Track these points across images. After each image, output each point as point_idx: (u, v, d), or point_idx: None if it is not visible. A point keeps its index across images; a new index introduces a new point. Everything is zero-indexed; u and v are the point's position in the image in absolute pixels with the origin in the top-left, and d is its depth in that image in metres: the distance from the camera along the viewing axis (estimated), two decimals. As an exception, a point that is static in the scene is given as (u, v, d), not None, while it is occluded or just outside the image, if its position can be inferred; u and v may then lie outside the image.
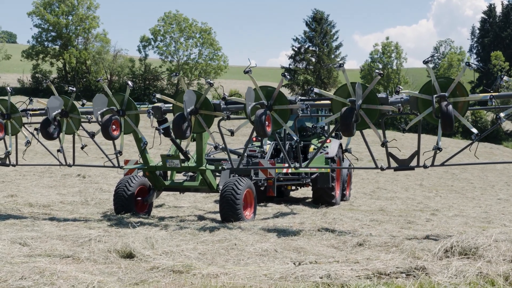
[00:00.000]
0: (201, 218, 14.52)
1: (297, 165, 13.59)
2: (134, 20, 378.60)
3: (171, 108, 13.44)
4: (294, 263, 8.34)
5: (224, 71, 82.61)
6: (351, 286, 6.81)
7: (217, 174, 14.38)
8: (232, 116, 13.31)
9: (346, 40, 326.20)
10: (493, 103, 11.00)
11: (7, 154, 15.01)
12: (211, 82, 12.75)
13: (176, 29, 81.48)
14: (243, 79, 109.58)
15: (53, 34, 79.75)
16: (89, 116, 14.23)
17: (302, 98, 12.57)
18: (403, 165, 12.26)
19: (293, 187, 19.52)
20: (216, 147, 14.02)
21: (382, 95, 11.74)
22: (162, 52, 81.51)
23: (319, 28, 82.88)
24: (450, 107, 10.82)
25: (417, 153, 12.00)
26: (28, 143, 14.87)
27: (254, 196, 14.35)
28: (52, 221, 13.03)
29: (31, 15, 79.38)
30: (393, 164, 12.36)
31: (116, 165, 14.41)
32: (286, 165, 14.62)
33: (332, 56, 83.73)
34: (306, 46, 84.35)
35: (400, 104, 11.77)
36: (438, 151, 11.47)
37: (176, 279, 7.32)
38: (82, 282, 6.79)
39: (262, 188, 16.81)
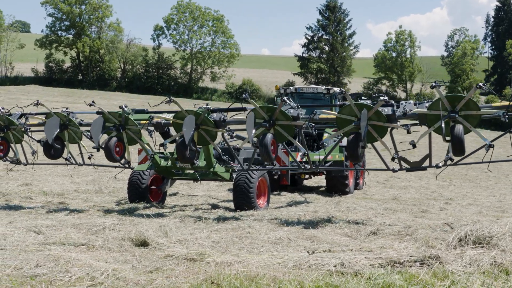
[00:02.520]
0: (214, 206, 14.54)
1: (308, 166, 13.48)
2: (147, 9, 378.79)
3: (170, 122, 13.20)
4: (307, 252, 8.35)
5: (237, 59, 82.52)
6: (364, 274, 6.80)
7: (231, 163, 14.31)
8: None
9: (360, 28, 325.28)
10: (507, 120, 10.90)
11: (16, 160, 15.09)
12: (209, 106, 12.57)
13: (189, 18, 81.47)
14: (256, 68, 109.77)
15: (66, 23, 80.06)
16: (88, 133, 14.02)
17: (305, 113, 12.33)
18: (415, 166, 12.15)
19: (307, 176, 19.49)
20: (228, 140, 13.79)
21: (388, 111, 11.38)
22: (176, 40, 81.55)
23: (332, 16, 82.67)
24: (461, 130, 10.69)
25: (428, 156, 11.90)
26: (34, 153, 14.91)
27: (267, 184, 14.35)
28: (66, 210, 13.10)
29: (44, 5, 79.70)
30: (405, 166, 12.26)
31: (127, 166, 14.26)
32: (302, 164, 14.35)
33: (346, 44, 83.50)
34: (320, 35, 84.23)
35: (409, 125, 11.57)
36: (450, 161, 11.35)
37: (190, 267, 7.34)
38: (97, 270, 6.82)
39: (275, 177, 16.80)
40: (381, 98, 11.25)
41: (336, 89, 20.17)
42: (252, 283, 6.49)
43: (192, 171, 14.12)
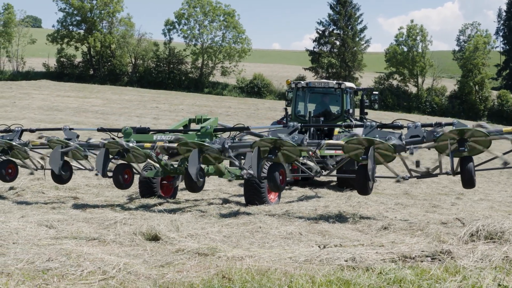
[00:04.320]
0: (226, 201, 14.56)
1: (320, 170, 13.50)
2: (158, 4, 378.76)
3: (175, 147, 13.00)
4: (319, 246, 8.35)
5: (248, 54, 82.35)
6: (376, 269, 6.79)
7: (241, 157, 14.28)
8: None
9: (371, 23, 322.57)
10: None
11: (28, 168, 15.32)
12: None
13: (200, 12, 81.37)
14: (267, 63, 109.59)
15: (77, 18, 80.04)
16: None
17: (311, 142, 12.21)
18: (426, 174, 12.15)
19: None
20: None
21: (395, 140, 11.21)
22: (187, 35, 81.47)
23: (343, 11, 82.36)
24: (472, 167, 10.69)
25: (438, 167, 11.89)
26: (41, 168, 15.15)
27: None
28: (78, 204, 13.15)
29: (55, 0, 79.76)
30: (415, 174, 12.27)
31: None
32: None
33: (357, 39, 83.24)
34: (331, 29, 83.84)
35: (412, 148, 11.45)
36: None
37: (201, 261, 7.36)
38: (108, 264, 6.84)
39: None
40: (392, 142, 11.11)
41: (348, 84, 20.15)
42: (263, 277, 6.49)
43: None
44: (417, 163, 11.47)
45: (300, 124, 12.50)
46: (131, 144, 12.75)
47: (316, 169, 13.06)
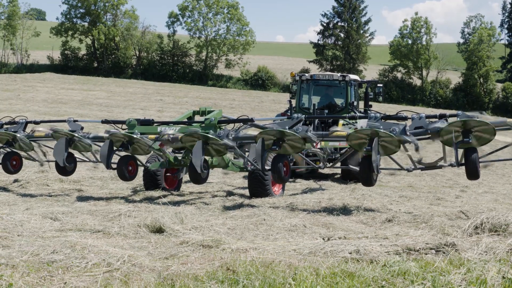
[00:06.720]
0: (230, 193, 14.57)
1: (322, 165, 13.56)
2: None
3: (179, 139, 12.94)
4: (323, 239, 8.35)
5: (252, 47, 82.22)
6: (380, 261, 6.80)
7: (246, 150, 14.28)
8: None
9: (375, 15, 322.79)
10: None
11: (33, 159, 15.35)
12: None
13: (203, 5, 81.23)
14: (271, 55, 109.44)
15: (81, 10, 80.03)
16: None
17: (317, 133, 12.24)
18: (430, 166, 12.12)
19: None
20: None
21: (399, 131, 11.14)
22: (190, 28, 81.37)
23: (347, 3, 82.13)
24: (477, 158, 10.63)
25: (442, 159, 11.86)
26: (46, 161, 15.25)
27: (282, 172, 14.31)
28: (82, 196, 13.18)
29: (60, -8, 79.68)
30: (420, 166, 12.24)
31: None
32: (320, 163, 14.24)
33: (361, 31, 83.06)
34: (335, 22, 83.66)
35: (418, 144, 11.40)
36: None
37: (205, 253, 7.37)
38: (113, 256, 6.85)
39: (291, 164, 16.78)
40: (394, 130, 11.09)
41: (352, 76, 20.13)
42: (267, 269, 6.50)
43: None
44: (417, 148, 11.41)
45: (304, 116, 12.51)
46: (135, 136, 12.76)
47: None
